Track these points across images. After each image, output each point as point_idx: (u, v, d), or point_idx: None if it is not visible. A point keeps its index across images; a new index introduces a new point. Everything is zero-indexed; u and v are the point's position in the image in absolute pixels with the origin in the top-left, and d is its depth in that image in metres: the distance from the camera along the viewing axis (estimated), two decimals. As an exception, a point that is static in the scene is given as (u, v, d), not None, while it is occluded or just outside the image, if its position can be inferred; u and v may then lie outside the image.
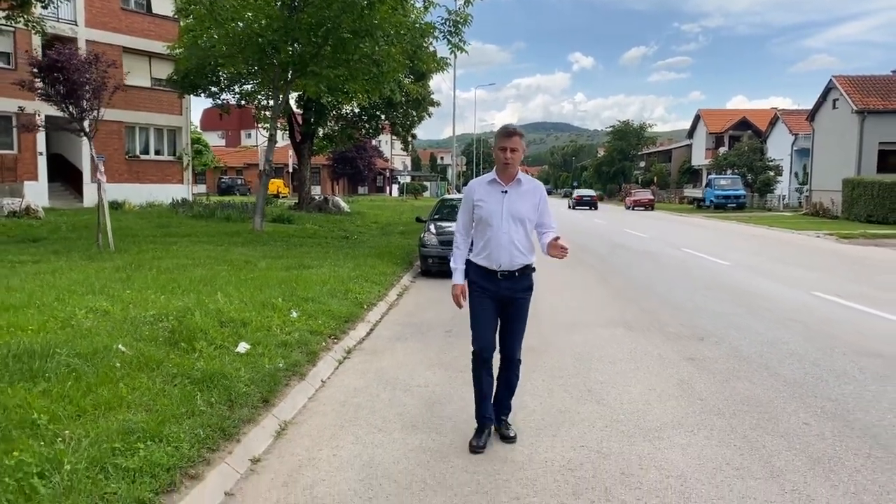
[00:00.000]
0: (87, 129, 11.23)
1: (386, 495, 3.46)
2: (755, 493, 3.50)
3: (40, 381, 4.01)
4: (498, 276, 4.00)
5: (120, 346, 4.83)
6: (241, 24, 15.22)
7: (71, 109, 10.93)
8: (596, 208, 47.07)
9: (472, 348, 4.11)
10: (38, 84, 11.10)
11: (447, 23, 15.06)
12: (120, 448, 3.37)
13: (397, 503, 3.38)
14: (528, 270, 4.06)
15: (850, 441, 4.23)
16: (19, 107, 22.19)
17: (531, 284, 4.11)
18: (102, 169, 11.35)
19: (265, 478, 3.67)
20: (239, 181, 60.42)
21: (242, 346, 5.38)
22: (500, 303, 4.05)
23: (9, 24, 18.45)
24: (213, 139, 74.90)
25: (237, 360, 5.03)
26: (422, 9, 15.51)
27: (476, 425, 4.15)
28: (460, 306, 4.12)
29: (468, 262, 4.11)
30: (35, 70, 11.00)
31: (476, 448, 4.02)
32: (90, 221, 17.51)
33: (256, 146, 69.96)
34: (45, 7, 17.99)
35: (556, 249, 3.87)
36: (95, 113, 11.15)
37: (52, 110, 23.55)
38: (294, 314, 6.75)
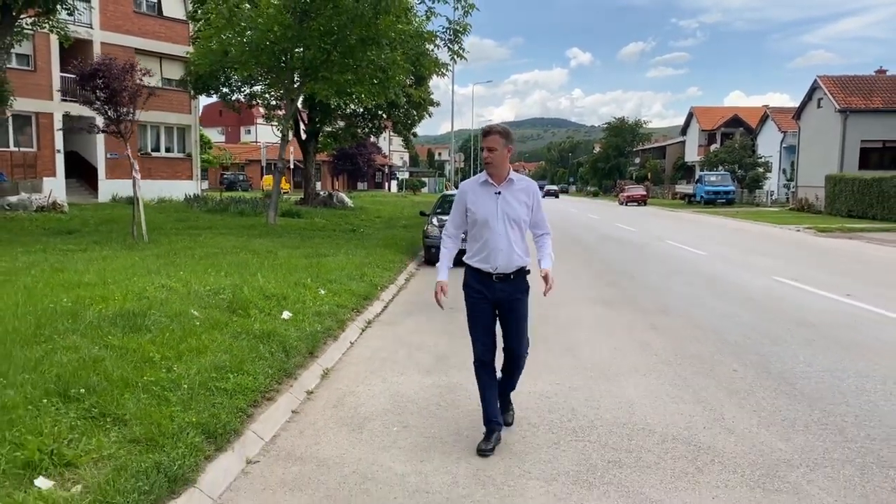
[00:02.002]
0: (124, 131, 12.40)
1: (410, 412, 4.71)
2: (682, 411, 4.76)
3: (145, 333, 5.25)
4: (493, 278, 3.95)
5: (193, 311, 6.07)
6: (255, 32, 16.33)
7: (110, 113, 12.10)
8: (557, 196, 70.33)
9: (472, 348, 4.13)
10: (77, 90, 12.22)
11: (448, 31, 16.28)
12: (216, 377, 4.60)
13: (420, 416, 4.63)
14: (523, 272, 4.01)
15: (765, 381, 5.49)
16: (66, 111, 23.28)
17: (527, 287, 4.06)
18: (137, 167, 12.56)
19: (319, 403, 4.92)
20: (241, 177, 61.46)
21: (286, 314, 6.62)
22: (496, 306, 4.01)
23: (34, 28, 19.58)
24: (213, 135, 75.88)
25: (284, 324, 6.26)
26: (423, 18, 16.71)
27: (484, 430, 4.09)
28: (441, 306, 4.04)
29: (465, 266, 4.08)
30: (78, 78, 12.15)
31: (484, 451, 3.95)
32: (112, 215, 18.75)
33: (257, 142, 71.03)
34: (70, 14, 19.13)
35: (545, 283, 3.98)
36: (131, 116, 12.33)
37: (70, 111, 24.68)
38: (322, 292, 7.99)
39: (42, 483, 3.03)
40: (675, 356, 6.26)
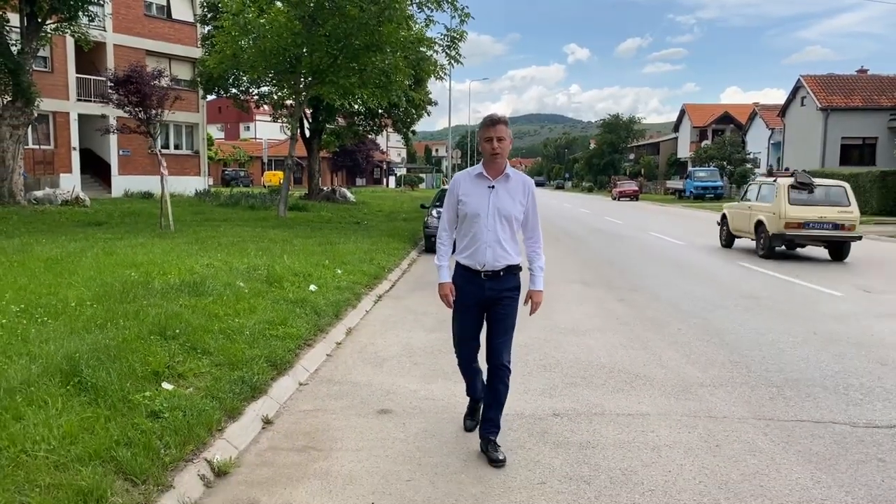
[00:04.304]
0: (152, 131, 13.70)
1: (419, 355, 6.06)
2: (629, 354, 6.12)
3: (207, 297, 6.59)
4: (482, 276, 3.81)
5: (239, 282, 7.41)
6: (267, 39, 17.59)
7: (140, 115, 13.40)
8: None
9: (454, 351, 4.18)
10: (115, 95, 13.53)
11: (445, 38, 17.60)
12: (268, 327, 5.94)
13: (426, 357, 5.98)
14: (514, 270, 3.85)
15: (701, 336, 6.85)
16: (102, 114, 24.45)
17: (518, 284, 3.90)
18: (164, 164, 13.86)
19: (346, 350, 6.27)
20: (241, 173, 62.69)
21: (313, 287, 7.96)
22: (484, 305, 3.89)
23: (56, 33, 20.85)
24: (213, 132, 76.96)
25: (313, 294, 7.60)
26: (423, 26, 18.02)
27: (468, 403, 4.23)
28: (450, 306, 3.97)
29: (455, 264, 3.97)
30: (112, 84, 13.44)
31: (472, 427, 4.15)
32: (132, 209, 20.06)
33: (257, 139, 72.16)
34: (90, 20, 20.40)
35: (532, 304, 3.95)
36: (159, 117, 13.63)
37: (84, 110, 25.90)
38: (339, 271, 9.32)
39: (166, 385, 4.37)
40: (633, 320, 7.62)
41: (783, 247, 13.75)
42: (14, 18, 19.29)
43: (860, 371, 5.63)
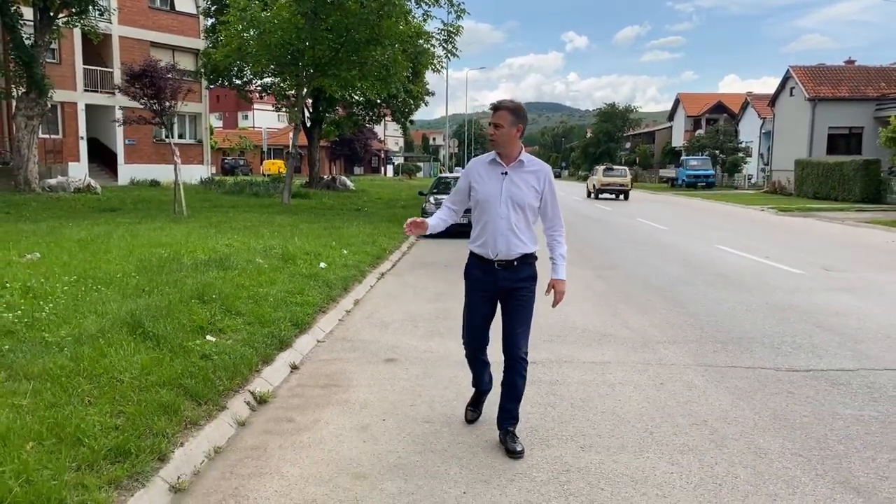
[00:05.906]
0: (165, 122, 14.55)
1: (419, 320, 6.99)
2: (601, 318, 7.05)
3: (232, 271, 7.50)
4: (495, 265, 3.72)
5: (259, 259, 8.32)
6: (272, 34, 18.39)
7: (155, 107, 14.25)
8: None
9: (462, 340, 4.05)
10: (131, 88, 14.36)
11: (442, 32, 18.42)
12: (288, 296, 6.85)
13: (425, 322, 6.91)
14: (529, 259, 3.75)
15: (666, 305, 7.78)
16: (119, 106, 25.21)
17: (534, 274, 3.80)
18: (178, 153, 14.72)
19: (356, 316, 7.19)
20: (241, 162, 63.39)
21: (323, 265, 8.87)
22: (498, 296, 3.79)
23: (67, 26, 21.61)
24: (212, 120, 77.41)
25: (323, 271, 8.51)
26: (421, 20, 18.83)
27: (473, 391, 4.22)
28: (406, 232, 3.80)
29: (469, 253, 3.88)
30: (127, 77, 14.27)
31: (473, 419, 4.14)
32: (142, 196, 20.92)
33: (255, 128, 72.77)
34: (101, 14, 21.16)
35: (555, 294, 3.89)
36: (173, 108, 14.47)
37: (91, 101, 26.63)
38: (345, 251, 10.24)
39: (210, 338, 5.29)
40: (609, 293, 8.55)
41: (603, 195, 33.36)
42: (28, 13, 20.04)
43: (796, 332, 6.58)
